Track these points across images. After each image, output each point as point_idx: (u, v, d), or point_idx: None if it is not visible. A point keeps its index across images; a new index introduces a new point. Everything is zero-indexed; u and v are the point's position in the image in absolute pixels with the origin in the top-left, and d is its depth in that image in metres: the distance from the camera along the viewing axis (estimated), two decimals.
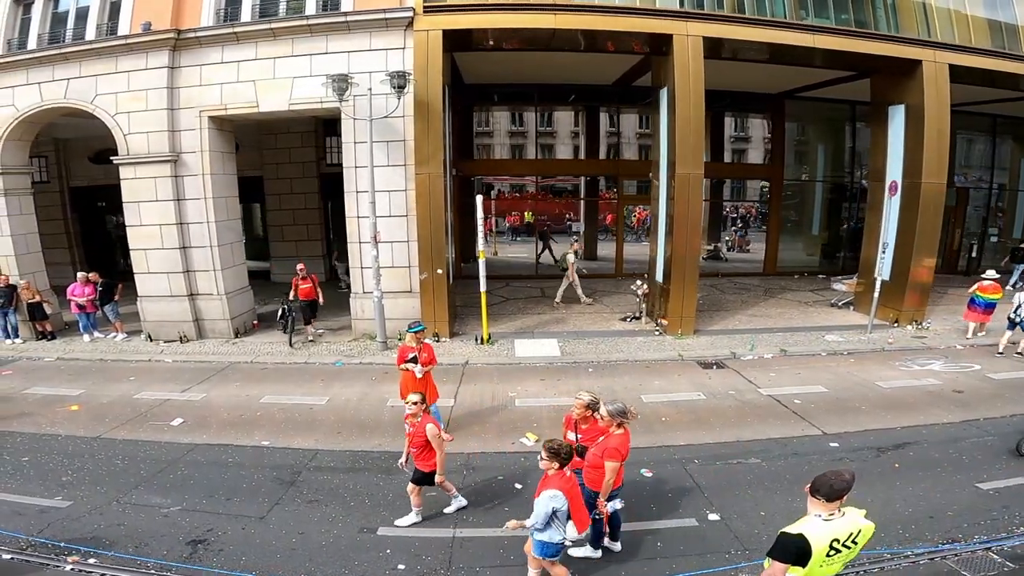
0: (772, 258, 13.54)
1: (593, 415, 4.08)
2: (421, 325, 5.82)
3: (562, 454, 3.42)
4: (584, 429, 4.13)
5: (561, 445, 3.50)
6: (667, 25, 8.60)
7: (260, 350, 8.97)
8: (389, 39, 8.72)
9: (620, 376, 7.73)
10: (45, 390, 7.35)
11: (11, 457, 5.54)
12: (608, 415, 3.78)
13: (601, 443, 3.83)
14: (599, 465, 3.78)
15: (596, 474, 3.82)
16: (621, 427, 3.78)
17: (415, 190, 8.88)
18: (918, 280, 9.00)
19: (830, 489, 2.44)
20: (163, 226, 8.83)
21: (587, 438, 4.07)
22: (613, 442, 3.74)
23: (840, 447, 5.59)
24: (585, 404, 4.09)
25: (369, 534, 4.42)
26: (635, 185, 14.98)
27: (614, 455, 3.71)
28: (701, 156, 8.74)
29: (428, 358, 5.65)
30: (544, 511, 3.33)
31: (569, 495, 3.42)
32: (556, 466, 3.42)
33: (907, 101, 8.84)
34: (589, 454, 3.91)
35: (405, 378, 5.61)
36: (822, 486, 2.46)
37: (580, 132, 14.88)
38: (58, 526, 4.40)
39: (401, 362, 5.59)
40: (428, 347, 5.77)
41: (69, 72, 8.50)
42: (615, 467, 3.73)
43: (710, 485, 5.00)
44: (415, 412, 4.29)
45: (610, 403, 3.86)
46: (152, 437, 6.02)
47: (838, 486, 2.43)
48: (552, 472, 3.44)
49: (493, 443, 5.97)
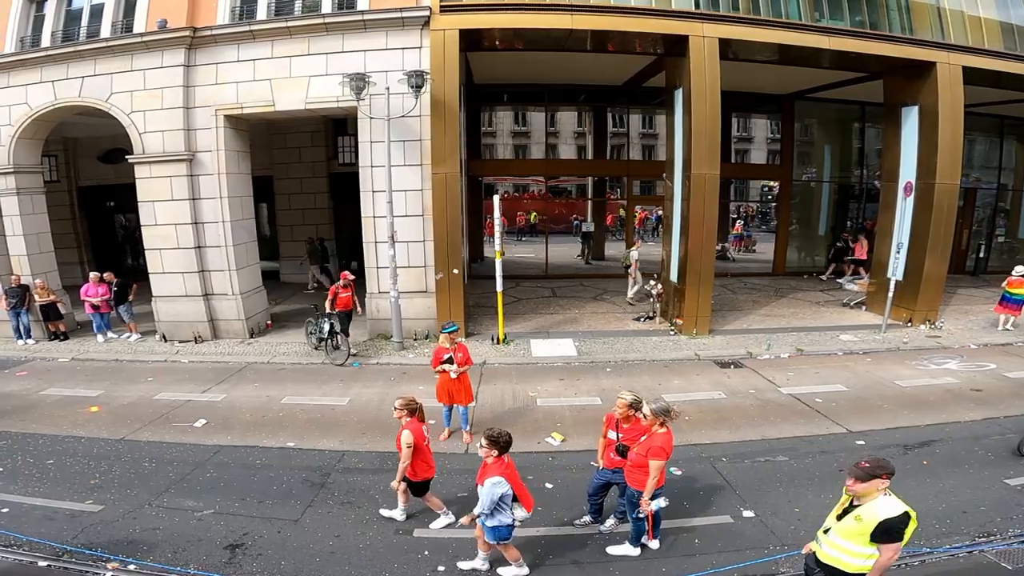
0: (781, 258, 13.63)
1: (636, 414, 4.11)
2: (455, 325, 5.82)
3: (500, 442, 3.59)
4: (626, 428, 4.16)
5: (500, 434, 3.63)
6: (683, 26, 8.63)
7: (276, 351, 8.93)
8: (405, 38, 8.70)
9: (639, 376, 7.75)
10: (63, 391, 7.29)
11: (35, 460, 5.48)
12: (651, 414, 3.79)
13: (644, 442, 3.85)
14: (643, 464, 3.80)
15: (640, 473, 3.84)
16: (664, 426, 3.79)
17: (432, 190, 8.87)
18: (932, 280, 9.08)
19: (891, 467, 2.79)
20: (178, 226, 8.77)
21: (628, 437, 4.11)
22: (658, 441, 3.75)
23: (867, 444, 5.63)
24: (628, 403, 4.12)
25: (405, 536, 4.42)
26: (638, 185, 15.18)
27: (659, 454, 3.73)
28: (717, 157, 8.77)
29: (463, 358, 5.65)
30: (490, 497, 3.49)
31: (510, 479, 3.60)
32: (495, 454, 3.59)
33: (921, 102, 8.92)
34: (632, 454, 3.93)
35: (442, 380, 5.61)
36: (887, 466, 2.77)
37: (587, 132, 14.91)
38: (92, 531, 4.35)
39: (436, 364, 5.59)
40: (463, 347, 5.76)
41: (84, 70, 8.43)
42: (660, 466, 3.76)
43: (741, 483, 5.03)
44: (398, 416, 4.27)
45: (653, 402, 3.88)
46: (177, 439, 5.98)
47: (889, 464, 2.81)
48: (491, 460, 3.60)
49: (519, 443, 5.81)
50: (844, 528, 2.83)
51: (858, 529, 2.75)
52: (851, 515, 2.80)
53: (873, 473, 2.73)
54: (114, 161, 12.22)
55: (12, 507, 4.65)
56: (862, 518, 2.74)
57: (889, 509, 2.71)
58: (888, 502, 2.74)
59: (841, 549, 2.83)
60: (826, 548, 2.92)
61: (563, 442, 5.93)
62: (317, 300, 11.80)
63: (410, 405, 4.31)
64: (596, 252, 15.62)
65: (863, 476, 2.74)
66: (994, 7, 9.30)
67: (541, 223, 15.94)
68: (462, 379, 5.62)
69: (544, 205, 15.68)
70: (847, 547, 2.81)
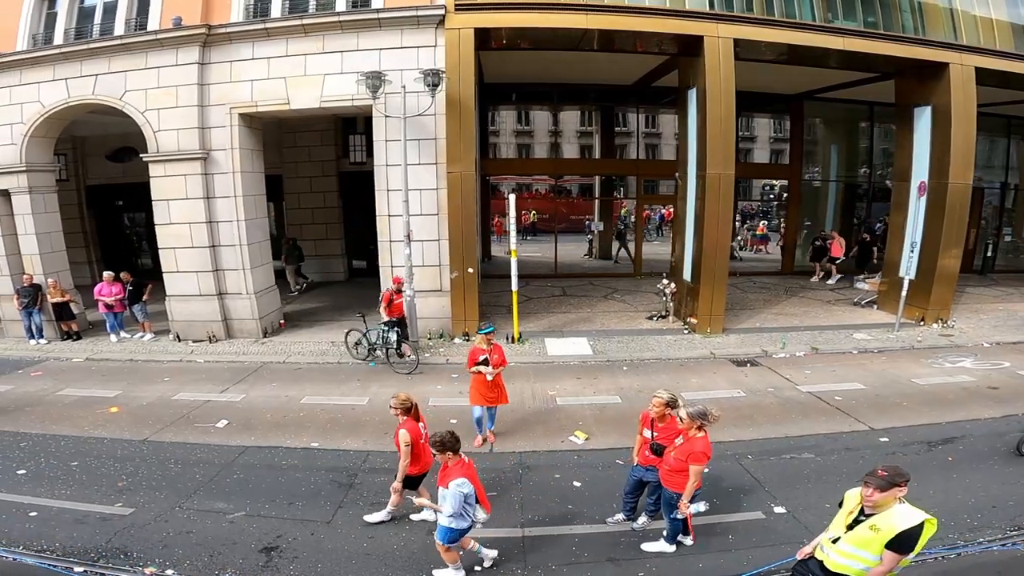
0: (789, 257, 13.70)
1: (671, 412, 4.11)
2: (491, 327, 5.82)
3: (447, 444, 3.58)
4: (661, 427, 4.15)
5: (444, 436, 3.60)
6: (698, 27, 8.65)
7: (291, 350, 8.90)
8: (420, 37, 8.68)
9: (656, 374, 7.77)
10: (80, 391, 7.24)
11: (59, 461, 5.44)
12: (688, 417, 3.77)
13: (683, 447, 3.82)
14: (682, 469, 3.78)
15: (679, 478, 3.83)
16: (701, 430, 3.77)
17: (447, 188, 8.86)
18: (944, 279, 9.16)
19: (907, 474, 2.75)
20: (192, 224, 8.72)
21: (663, 436, 4.11)
22: (698, 446, 3.74)
23: (890, 442, 5.68)
24: (664, 402, 4.12)
25: None
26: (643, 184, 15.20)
27: (700, 459, 3.72)
28: (732, 156, 8.80)
29: (499, 360, 5.64)
30: (457, 500, 3.48)
31: (472, 479, 3.60)
32: (450, 455, 3.59)
33: (933, 103, 8.98)
34: (671, 457, 3.91)
35: (476, 381, 5.59)
36: (904, 473, 2.74)
37: (595, 132, 14.92)
38: (125, 535, 4.30)
39: (472, 365, 5.56)
40: (498, 348, 5.73)
41: (97, 68, 8.35)
42: (701, 470, 3.77)
43: (769, 480, 5.06)
44: (395, 415, 4.26)
45: (690, 405, 3.85)
46: (200, 439, 5.95)
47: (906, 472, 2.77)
48: (451, 463, 3.61)
49: (543, 442, 5.99)
50: (858, 537, 2.75)
51: (875, 539, 2.69)
52: (865, 524, 2.73)
53: (893, 481, 2.67)
54: (123, 160, 12.16)
55: (41, 510, 4.60)
56: (879, 528, 2.67)
57: (908, 519, 2.63)
58: (905, 511, 2.67)
59: (855, 558, 2.77)
60: (836, 557, 2.85)
61: (587, 440, 5.94)
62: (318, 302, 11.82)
63: (405, 404, 4.29)
64: (604, 251, 15.66)
65: (883, 485, 2.67)
66: (1005, 8, 9.38)
67: (545, 221, 15.92)
68: (497, 380, 5.61)
69: (551, 204, 15.68)
70: (862, 556, 2.74)
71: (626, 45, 9.66)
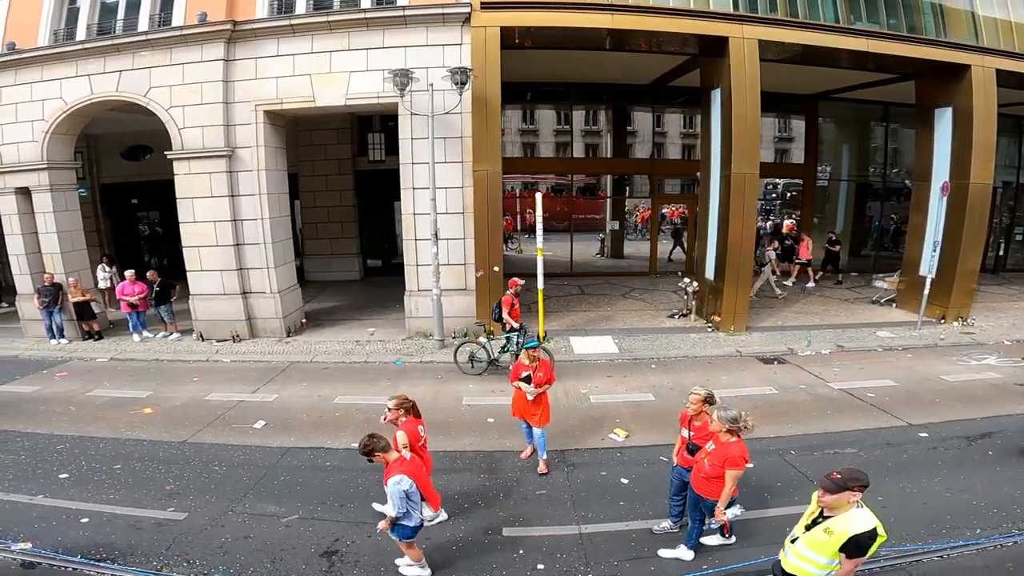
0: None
1: (708, 410, 3.99)
2: (535, 341, 5.49)
3: (368, 447, 3.57)
4: (697, 427, 4.06)
5: (362, 442, 3.59)
6: (724, 27, 8.68)
7: (316, 349, 8.85)
8: (446, 35, 8.65)
9: (685, 372, 7.81)
10: (110, 392, 7.16)
11: (101, 464, 5.37)
12: (718, 420, 3.62)
13: (718, 452, 3.66)
14: (719, 475, 3.63)
15: (715, 484, 3.67)
16: (734, 434, 3.60)
17: (472, 187, 8.84)
18: (964, 278, 9.28)
19: (865, 479, 2.72)
20: (217, 223, 8.64)
21: (699, 435, 4.00)
22: (734, 451, 3.59)
23: (929, 437, 5.75)
24: (702, 399, 4.02)
25: (495, 535, 4.40)
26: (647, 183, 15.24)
27: (737, 463, 3.57)
28: (757, 156, 8.86)
29: (544, 377, 5.16)
30: (398, 496, 3.47)
31: (414, 476, 3.57)
32: (380, 455, 3.58)
33: (954, 104, 9.08)
34: (704, 463, 3.74)
35: (517, 395, 5.29)
36: (860, 478, 2.72)
37: (607, 131, 14.95)
38: (184, 541, 4.23)
39: (513, 379, 5.27)
40: (545, 365, 5.24)
41: (122, 64, 8.24)
42: (738, 475, 3.60)
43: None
44: (393, 418, 4.18)
45: (722, 409, 3.69)
46: (240, 441, 5.90)
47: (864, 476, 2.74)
48: (391, 460, 3.60)
49: (583, 439, 6.00)
50: (813, 539, 2.78)
51: (827, 542, 2.71)
52: (821, 527, 2.75)
53: (844, 485, 2.67)
54: (137, 158, 12.00)
55: (92, 516, 4.52)
56: (832, 531, 2.69)
57: (860, 523, 2.65)
58: (860, 515, 2.69)
59: (807, 560, 2.79)
60: (792, 558, 2.87)
61: (627, 438, 5.96)
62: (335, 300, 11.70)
63: (404, 404, 4.22)
64: (615, 250, 15.70)
65: (833, 488, 2.68)
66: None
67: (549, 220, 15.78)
68: (539, 400, 5.16)
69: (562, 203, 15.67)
70: (813, 558, 2.77)
71: (649, 45, 9.68)
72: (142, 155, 11.95)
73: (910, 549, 4.03)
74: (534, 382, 5.10)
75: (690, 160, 14.54)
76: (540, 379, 5.12)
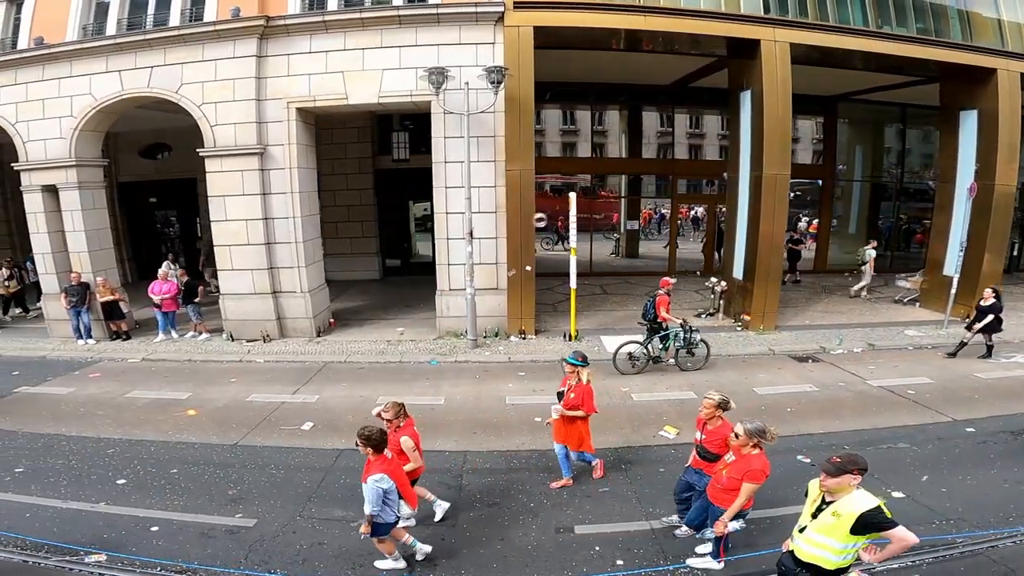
0: (823, 256, 13.98)
1: (721, 415, 3.97)
2: (572, 357, 4.85)
3: (373, 440, 3.60)
4: (709, 431, 3.99)
5: (372, 433, 3.61)
6: (755, 31, 8.76)
7: (348, 349, 8.77)
8: (479, 34, 8.62)
9: (722, 370, 7.87)
10: (149, 393, 7.04)
11: (156, 469, 5.25)
12: (745, 434, 3.46)
13: (738, 464, 3.54)
14: (735, 488, 3.51)
15: (732, 496, 3.54)
16: (757, 447, 3.47)
17: (505, 186, 8.82)
18: (988, 278, 9.41)
19: (863, 463, 2.82)
20: (249, 221, 8.52)
21: (709, 441, 3.97)
22: (756, 464, 3.46)
23: (976, 432, 5.84)
24: (716, 404, 3.94)
25: (567, 534, 4.40)
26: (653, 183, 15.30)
27: (758, 477, 3.44)
28: (788, 157, 8.95)
29: (577, 401, 4.65)
30: (375, 494, 3.51)
31: (393, 475, 3.61)
32: (371, 451, 3.62)
33: (980, 107, 9.25)
34: (723, 475, 3.64)
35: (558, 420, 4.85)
36: (859, 461, 2.81)
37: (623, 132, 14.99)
38: (260, 549, 4.13)
39: (562, 386, 5.04)
40: (582, 390, 4.68)
41: (153, 59, 8.10)
42: (755, 489, 3.47)
43: (875, 468, 4.90)
44: (391, 427, 4.06)
45: (748, 421, 3.55)
46: (292, 443, 5.82)
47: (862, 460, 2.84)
48: (372, 457, 3.63)
49: (633, 437, 6.02)
50: (822, 525, 2.81)
51: (836, 524, 2.75)
52: (827, 511, 2.79)
53: (844, 468, 2.74)
54: (155, 156, 11.79)
55: (161, 524, 4.41)
56: (840, 513, 2.74)
57: (864, 503, 2.72)
58: (861, 496, 2.76)
59: (821, 546, 2.81)
60: (805, 547, 2.89)
61: (678, 435, 5.98)
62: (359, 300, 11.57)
63: (397, 410, 4.16)
64: (631, 250, 15.75)
65: (834, 471, 2.75)
66: None
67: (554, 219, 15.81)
68: (573, 425, 4.74)
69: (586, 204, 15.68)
70: (827, 543, 2.79)
71: (676, 47, 9.74)
72: (160, 153, 11.75)
73: (984, 535, 4.15)
74: (564, 403, 4.72)
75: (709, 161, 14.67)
76: (571, 401, 4.69)
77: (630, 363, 7.64)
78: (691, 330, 7.83)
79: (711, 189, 14.94)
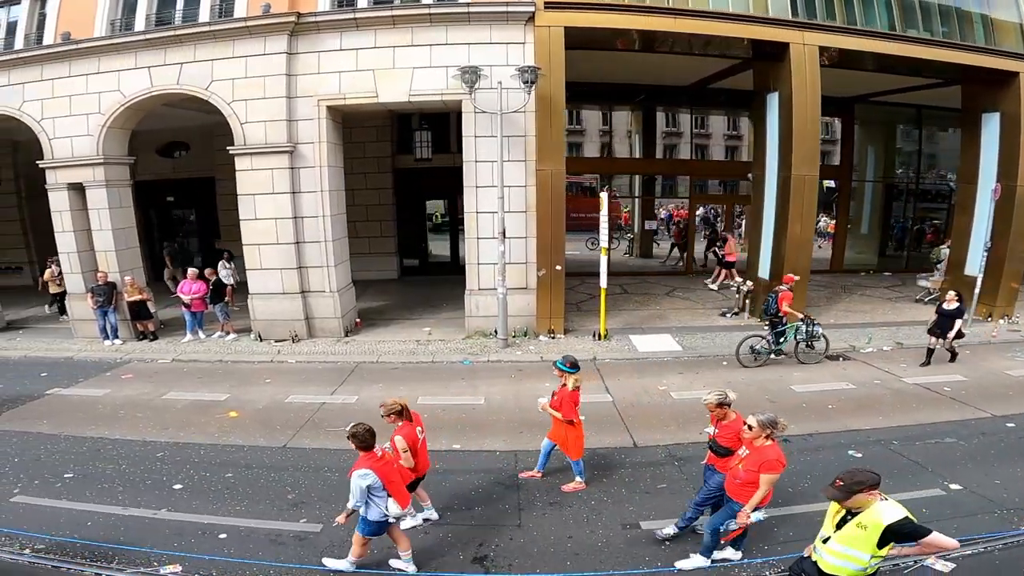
0: (840, 256, 14.11)
1: (729, 411, 4.02)
2: (560, 362, 4.84)
3: (359, 436, 3.61)
4: (723, 425, 4.04)
5: (357, 430, 3.62)
6: (785, 34, 8.84)
7: (378, 349, 8.71)
8: (509, 33, 8.61)
9: (757, 369, 7.90)
10: (186, 395, 6.93)
11: (210, 473, 5.17)
12: (758, 426, 3.50)
13: (753, 457, 3.56)
14: (753, 480, 3.52)
15: (751, 490, 3.54)
16: (769, 438, 3.51)
17: (536, 186, 8.81)
18: (1011, 278, 9.60)
19: (871, 479, 2.70)
20: (278, 220, 8.43)
21: (722, 436, 4.01)
22: (771, 454, 3.48)
23: (1017, 427, 5.93)
24: (715, 404, 4.00)
25: (635, 529, 4.41)
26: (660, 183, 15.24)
27: (775, 467, 3.47)
28: (817, 158, 9.04)
29: (557, 403, 4.73)
30: (359, 489, 3.50)
31: (380, 472, 3.58)
32: (358, 447, 3.63)
33: (1002, 109, 9.39)
34: (739, 470, 3.65)
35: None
36: (865, 480, 2.70)
37: (636, 132, 15.05)
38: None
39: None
40: (566, 396, 4.69)
41: (183, 56, 7.98)
42: (774, 480, 3.50)
43: (928, 461, 5.23)
44: (390, 422, 4.10)
45: (759, 413, 3.60)
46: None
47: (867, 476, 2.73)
48: (363, 455, 3.63)
49: (680, 435, 6.04)
50: (847, 536, 2.73)
51: (863, 536, 2.67)
52: (852, 523, 2.71)
53: (851, 490, 2.66)
54: (172, 155, 11.62)
55: (229, 531, 4.31)
56: (866, 525, 2.66)
57: (890, 514, 2.63)
58: (887, 508, 2.67)
59: (847, 558, 2.74)
60: (828, 558, 2.81)
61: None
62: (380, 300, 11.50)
63: (394, 408, 4.13)
64: (645, 250, 15.81)
65: (841, 496, 2.69)
66: None
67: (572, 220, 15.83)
68: (565, 427, 4.77)
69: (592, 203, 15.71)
70: (853, 555, 2.72)
71: (704, 48, 9.79)
72: (177, 152, 11.58)
73: None
74: (549, 403, 4.82)
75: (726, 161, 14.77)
76: (554, 403, 4.78)
77: (752, 356, 7.90)
78: (813, 323, 7.94)
79: (722, 189, 15.09)
